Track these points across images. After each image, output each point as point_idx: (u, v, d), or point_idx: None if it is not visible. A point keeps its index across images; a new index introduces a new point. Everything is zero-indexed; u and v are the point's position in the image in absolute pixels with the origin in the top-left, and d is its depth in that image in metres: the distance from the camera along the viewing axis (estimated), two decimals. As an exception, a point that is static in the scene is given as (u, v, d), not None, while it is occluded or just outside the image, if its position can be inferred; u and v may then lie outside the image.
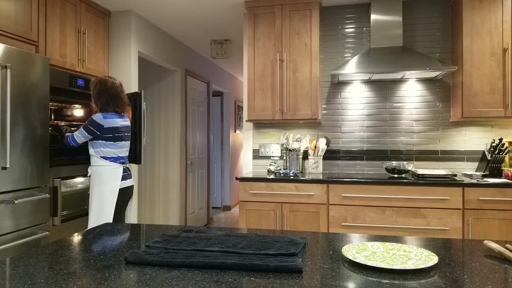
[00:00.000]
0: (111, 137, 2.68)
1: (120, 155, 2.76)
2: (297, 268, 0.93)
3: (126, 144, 2.82)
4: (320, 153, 3.42)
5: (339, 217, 2.95)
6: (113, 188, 2.67)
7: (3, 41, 2.53)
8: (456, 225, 2.78)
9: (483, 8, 3.02)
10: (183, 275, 0.92)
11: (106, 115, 2.67)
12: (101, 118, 2.64)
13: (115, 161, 2.72)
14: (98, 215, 2.64)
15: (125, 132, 2.79)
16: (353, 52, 3.60)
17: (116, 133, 2.70)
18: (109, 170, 2.68)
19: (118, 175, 2.71)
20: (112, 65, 3.71)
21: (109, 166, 2.69)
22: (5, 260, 1.05)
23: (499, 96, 3.00)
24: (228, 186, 6.95)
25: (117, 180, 2.69)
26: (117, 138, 2.71)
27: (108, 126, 2.65)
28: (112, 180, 2.68)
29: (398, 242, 1.25)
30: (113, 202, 2.66)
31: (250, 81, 3.39)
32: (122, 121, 2.77)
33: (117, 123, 2.71)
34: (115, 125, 2.69)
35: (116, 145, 2.71)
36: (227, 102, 6.98)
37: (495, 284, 0.87)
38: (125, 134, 2.79)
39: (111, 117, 2.69)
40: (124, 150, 2.80)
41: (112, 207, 2.65)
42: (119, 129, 2.72)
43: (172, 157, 4.78)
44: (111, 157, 2.70)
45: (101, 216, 2.64)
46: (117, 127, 2.70)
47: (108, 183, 2.67)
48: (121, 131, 2.74)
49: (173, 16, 3.89)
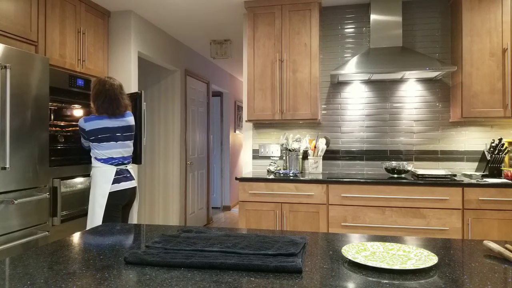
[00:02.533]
0: (95, 139, 2.68)
1: (113, 156, 2.73)
2: (297, 268, 0.93)
3: (119, 145, 2.76)
4: (319, 153, 3.42)
5: (339, 217, 2.95)
6: (103, 191, 2.64)
7: (3, 41, 2.53)
8: (455, 225, 2.78)
9: (482, 9, 3.03)
10: (182, 275, 0.92)
11: (89, 118, 2.70)
12: (83, 122, 2.69)
13: (106, 162, 2.70)
14: (90, 217, 2.66)
15: (117, 132, 2.74)
16: (352, 52, 3.60)
17: (101, 134, 2.68)
18: (101, 172, 2.67)
19: (109, 177, 2.67)
20: (112, 65, 3.71)
21: (101, 167, 2.69)
22: (4, 260, 1.04)
23: (499, 96, 3.00)
24: (227, 186, 6.95)
25: (108, 183, 2.65)
26: (103, 139, 2.68)
27: (90, 128, 2.66)
28: (102, 182, 2.66)
29: (398, 242, 1.25)
30: (102, 205, 2.62)
31: (250, 81, 3.39)
32: (114, 122, 2.73)
33: (102, 124, 2.68)
34: (99, 126, 2.67)
35: (102, 146, 2.69)
36: (227, 102, 6.98)
37: (495, 284, 0.87)
38: (116, 135, 2.74)
39: (95, 119, 2.69)
40: (117, 151, 2.74)
41: (101, 210, 2.62)
42: (107, 129, 2.69)
43: (171, 157, 4.78)
44: (101, 158, 2.70)
45: (92, 219, 2.65)
46: (103, 128, 2.68)
47: (98, 185, 2.66)
48: (109, 132, 2.71)
49: (173, 16, 3.89)
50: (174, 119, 4.78)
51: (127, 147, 2.83)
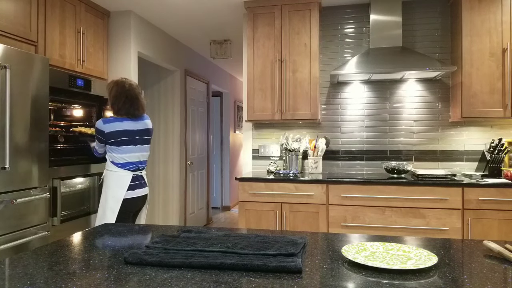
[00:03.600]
0: (114, 142, 2.56)
1: (130, 160, 2.62)
2: (297, 268, 0.93)
3: (137, 149, 2.66)
4: (319, 153, 3.42)
5: (339, 217, 2.95)
6: (117, 196, 2.55)
7: (3, 42, 2.53)
8: (455, 225, 2.78)
9: (482, 8, 3.03)
10: (182, 275, 0.92)
11: (106, 119, 2.59)
12: (101, 124, 2.56)
13: (123, 167, 2.59)
14: (101, 220, 2.57)
15: (136, 135, 2.64)
16: (352, 52, 3.60)
17: (120, 137, 2.57)
18: (116, 176, 2.57)
19: (125, 183, 2.58)
20: (112, 65, 3.71)
21: (117, 172, 2.58)
22: (4, 260, 1.04)
23: (499, 96, 3.00)
24: (227, 186, 6.95)
25: (123, 189, 2.56)
26: (121, 143, 2.57)
27: (110, 130, 2.55)
28: (117, 187, 2.56)
29: (398, 242, 1.25)
30: (114, 210, 2.55)
31: (250, 81, 3.39)
32: (133, 124, 2.63)
33: (122, 126, 2.58)
34: (119, 128, 2.57)
35: (121, 150, 2.58)
36: (227, 102, 6.98)
37: (495, 284, 0.87)
38: (135, 138, 2.63)
39: (115, 120, 2.58)
40: (135, 155, 2.64)
41: (113, 215, 2.54)
42: (126, 132, 2.59)
43: (171, 157, 4.78)
44: (119, 162, 2.59)
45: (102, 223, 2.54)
46: (122, 131, 2.57)
47: (112, 190, 2.56)
48: (129, 135, 2.60)
49: (172, 16, 3.89)
50: (174, 119, 4.78)
51: (144, 151, 2.72)
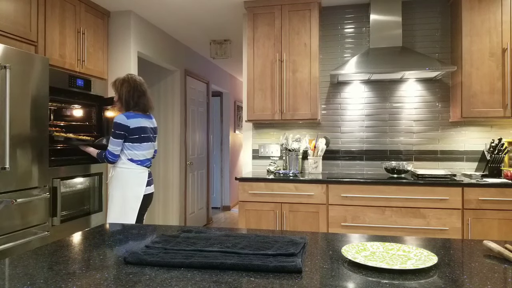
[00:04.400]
0: (137, 138, 2.52)
1: (148, 157, 2.63)
2: (297, 268, 0.93)
3: (152, 146, 2.66)
4: (319, 153, 3.42)
5: (339, 217, 2.95)
6: (137, 194, 2.52)
7: (3, 42, 2.53)
8: (455, 225, 2.78)
9: (482, 8, 3.03)
10: (182, 275, 0.92)
11: (129, 114, 2.51)
12: (125, 118, 2.48)
13: (142, 164, 2.57)
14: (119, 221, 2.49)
15: (150, 133, 2.64)
16: (352, 52, 3.60)
17: (143, 134, 2.56)
18: (135, 174, 2.53)
19: (143, 180, 2.55)
20: (112, 65, 3.71)
21: (135, 169, 2.53)
22: (4, 260, 1.04)
23: (499, 96, 3.00)
24: (227, 186, 6.95)
25: (142, 186, 2.53)
26: (143, 139, 2.56)
27: (134, 126, 2.50)
28: (136, 185, 2.52)
29: (398, 242, 1.25)
30: (135, 208, 2.51)
31: (250, 81, 3.39)
32: (147, 121, 2.62)
33: (142, 123, 2.56)
34: (140, 125, 2.54)
35: (142, 147, 2.55)
36: (227, 102, 6.98)
37: (495, 284, 0.87)
38: (150, 136, 2.64)
39: (135, 117, 2.53)
40: (150, 152, 2.65)
41: (135, 214, 2.50)
42: (145, 129, 2.58)
43: (171, 157, 4.78)
44: (138, 159, 2.55)
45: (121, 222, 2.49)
46: (142, 127, 2.55)
47: (131, 188, 2.51)
48: (147, 132, 2.60)
49: (172, 16, 3.89)
50: (174, 119, 4.78)
51: (154, 148, 2.73)
